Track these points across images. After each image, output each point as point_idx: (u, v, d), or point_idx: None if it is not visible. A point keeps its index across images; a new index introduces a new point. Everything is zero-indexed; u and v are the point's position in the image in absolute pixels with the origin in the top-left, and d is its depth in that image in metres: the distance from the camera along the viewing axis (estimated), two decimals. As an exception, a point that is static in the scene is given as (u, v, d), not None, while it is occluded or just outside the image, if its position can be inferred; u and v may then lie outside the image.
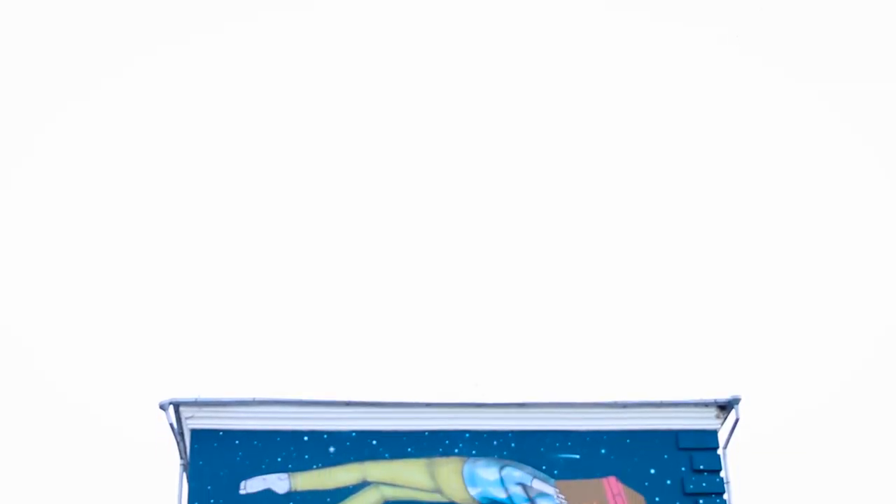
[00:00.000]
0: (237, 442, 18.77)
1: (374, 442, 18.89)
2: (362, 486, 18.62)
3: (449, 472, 18.74)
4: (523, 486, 18.73)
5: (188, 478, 18.79)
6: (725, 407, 19.22)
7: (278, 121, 41.61)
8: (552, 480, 18.80)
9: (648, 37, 42.40)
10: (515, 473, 18.78)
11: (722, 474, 19.06)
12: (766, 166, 41.23)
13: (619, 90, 41.90)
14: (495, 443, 18.97)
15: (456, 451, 18.90)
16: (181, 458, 19.13)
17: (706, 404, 19.29)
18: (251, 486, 18.52)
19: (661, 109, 41.31)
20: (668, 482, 18.87)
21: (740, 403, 19.12)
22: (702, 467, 19.01)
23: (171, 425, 18.77)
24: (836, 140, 42.56)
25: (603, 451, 19.01)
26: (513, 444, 18.96)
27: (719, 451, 19.22)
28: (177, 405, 18.75)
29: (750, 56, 43.55)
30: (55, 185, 40.63)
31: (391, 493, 18.60)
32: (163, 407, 18.66)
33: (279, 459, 18.68)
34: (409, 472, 18.71)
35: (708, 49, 43.44)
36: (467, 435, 18.99)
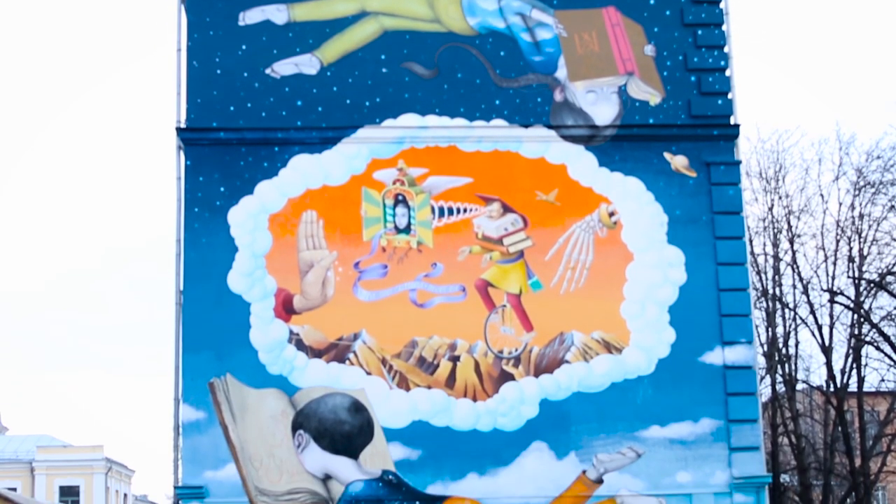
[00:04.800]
0: (234, -27, 18.51)
1: (373, -27, 18.60)
2: (361, 16, 18.50)
3: (448, 1, 18.52)
4: (522, 15, 18.56)
5: (186, 11, 18.62)
6: (729, -65, 18.82)
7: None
8: (551, 10, 18.59)
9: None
10: (514, 3, 18.54)
11: (721, 5, 18.90)
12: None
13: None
14: (495, -28, 18.65)
15: (455, -26, 18.63)
16: (178, -14, 18.87)
17: (709, -69, 18.87)
18: (250, 17, 18.42)
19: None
20: (668, 13, 18.72)
21: (744, -67, 18.75)
22: (701, -7, 18.84)
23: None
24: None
25: (603, -22, 18.74)
26: (511, -29, 18.66)
27: (721, -19, 19.01)
28: (170, -63, 18.36)
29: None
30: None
31: (390, 23, 18.49)
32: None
33: (277, -10, 18.50)
34: (408, 2, 18.50)
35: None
36: (467, -36, 18.66)
